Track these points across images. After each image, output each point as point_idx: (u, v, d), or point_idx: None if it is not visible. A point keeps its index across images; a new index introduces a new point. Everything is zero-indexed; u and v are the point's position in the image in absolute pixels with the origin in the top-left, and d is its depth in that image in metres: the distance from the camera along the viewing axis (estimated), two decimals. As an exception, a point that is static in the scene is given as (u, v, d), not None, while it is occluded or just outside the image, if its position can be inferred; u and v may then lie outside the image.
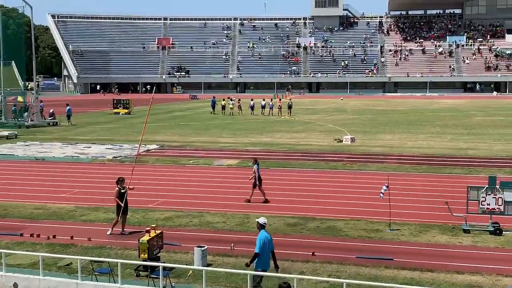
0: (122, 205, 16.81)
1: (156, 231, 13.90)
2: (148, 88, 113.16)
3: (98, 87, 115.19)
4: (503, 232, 16.63)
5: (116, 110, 63.38)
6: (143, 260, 13.14)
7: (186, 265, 13.62)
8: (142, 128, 19.27)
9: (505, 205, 16.67)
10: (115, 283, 12.24)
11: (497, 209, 16.74)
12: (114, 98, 69.89)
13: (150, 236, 13.52)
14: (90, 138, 40.76)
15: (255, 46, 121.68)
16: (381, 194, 17.44)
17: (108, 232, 16.84)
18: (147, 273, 13.03)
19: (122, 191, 17.03)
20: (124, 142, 38.15)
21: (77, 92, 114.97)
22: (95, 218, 18.56)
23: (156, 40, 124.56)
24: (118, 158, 31.31)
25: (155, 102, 79.63)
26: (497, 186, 16.82)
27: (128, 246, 15.57)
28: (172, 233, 16.60)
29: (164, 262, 13.37)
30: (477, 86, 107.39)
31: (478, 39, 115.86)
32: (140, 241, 13.33)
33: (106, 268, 13.09)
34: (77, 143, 37.91)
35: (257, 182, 20.66)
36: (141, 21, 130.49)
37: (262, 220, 12.42)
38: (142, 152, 33.69)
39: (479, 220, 17.24)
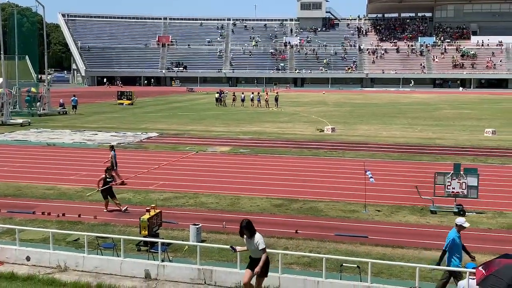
0: (98, 189, 17.11)
1: (156, 211, 13.87)
2: (152, 81, 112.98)
3: (104, 80, 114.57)
4: (466, 213, 16.71)
5: (120, 101, 63.03)
6: (144, 236, 13.12)
7: (183, 241, 13.62)
8: (144, 117, 19.17)
9: (468, 189, 16.76)
10: (118, 257, 12.24)
11: (461, 193, 16.83)
12: (119, 90, 69.53)
13: (150, 214, 13.49)
14: (96, 126, 40.53)
15: (246, 44, 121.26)
16: (372, 179, 17.41)
17: (105, 210, 16.95)
18: (147, 248, 13.01)
19: (108, 179, 17.08)
20: (127, 130, 37.96)
21: (85, 84, 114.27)
22: (101, 199, 18.44)
23: (157, 38, 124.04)
24: (122, 145, 31.15)
25: (155, 94, 79.21)
26: (461, 172, 16.89)
27: (130, 224, 15.53)
28: (170, 213, 16.58)
29: (163, 238, 13.37)
30: (449, 83, 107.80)
31: (446, 40, 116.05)
32: (141, 219, 13.30)
33: (110, 243, 13.06)
34: (84, 130, 37.69)
35: (114, 167, 20.59)
36: (143, 20, 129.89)
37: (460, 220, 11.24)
38: (143, 139, 33.57)
39: (445, 203, 17.32)
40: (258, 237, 10.08)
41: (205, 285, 11.46)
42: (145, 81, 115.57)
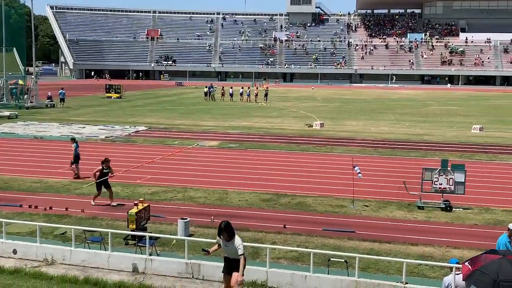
0: (95, 180, 16.92)
1: (144, 204, 13.84)
2: (141, 75, 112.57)
3: (92, 73, 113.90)
4: (453, 209, 16.86)
5: (108, 94, 62.63)
6: (132, 230, 13.09)
7: (170, 235, 13.61)
8: (132, 111, 19.10)
9: (455, 185, 16.86)
10: (105, 250, 12.20)
11: (448, 189, 16.94)
12: (107, 84, 69.10)
13: (138, 208, 13.46)
14: (84, 119, 40.29)
15: (236, 39, 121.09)
16: (360, 174, 17.48)
17: (92, 203, 16.84)
18: (135, 242, 12.98)
19: (105, 170, 16.93)
20: (115, 123, 37.78)
21: (73, 77, 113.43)
22: (88, 192, 18.40)
23: (146, 31, 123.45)
24: (110, 138, 31.02)
25: (144, 88, 78.69)
26: (449, 168, 17.01)
27: (118, 217, 15.49)
28: (158, 207, 16.55)
29: (151, 232, 13.35)
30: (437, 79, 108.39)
31: (435, 37, 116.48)
32: (129, 213, 13.27)
33: (97, 237, 13.01)
34: (72, 123, 37.45)
35: (74, 159, 20.58)
36: (132, 13, 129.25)
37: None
38: (132, 132, 33.43)
39: (432, 198, 17.44)
40: (238, 241, 9.75)
41: (192, 279, 11.46)
42: (134, 75, 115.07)
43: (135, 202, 13.91)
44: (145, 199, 14.81)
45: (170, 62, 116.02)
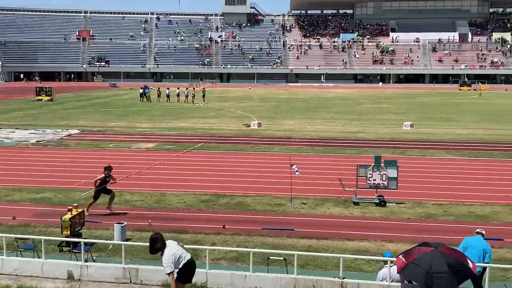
0: (95, 188, 16.30)
1: (78, 210, 13.49)
2: (73, 77, 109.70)
3: (21, 75, 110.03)
4: (387, 204, 17.34)
5: (39, 97, 60.58)
6: (66, 237, 12.74)
7: (107, 240, 13.33)
8: (64, 114, 18.57)
9: (389, 180, 17.34)
10: (39, 258, 11.81)
11: (381, 184, 17.40)
12: (37, 86, 66.78)
13: (72, 214, 13.11)
14: (14, 123, 38.77)
15: (171, 39, 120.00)
16: (297, 173, 17.66)
17: (86, 213, 16.00)
18: (70, 248, 12.64)
19: (107, 179, 16.33)
20: (47, 127, 36.60)
21: (1, 80, 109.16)
22: (20, 199, 17.76)
23: (77, 32, 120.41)
24: (41, 142, 30.02)
25: (76, 90, 76.77)
26: (382, 164, 17.47)
27: (51, 224, 15.00)
28: (93, 211, 16.16)
29: (86, 238, 13.03)
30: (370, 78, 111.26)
31: (367, 37, 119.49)
32: (63, 219, 12.90)
33: (30, 245, 12.58)
34: (1, 128, 35.98)
35: None
36: (62, 14, 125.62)
37: None
38: (64, 136, 32.50)
39: (367, 194, 17.84)
40: (165, 257, 9.03)
41: (130, 284, 11.26)
42: (67, 76, 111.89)
43: (69, 207, 13.54)
44: (80, 204, 14.42)
45: (103, 63, 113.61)
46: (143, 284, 11.22)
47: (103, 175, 16.39)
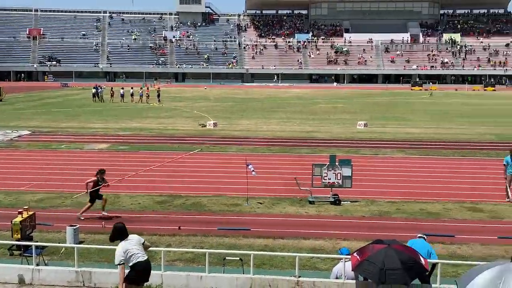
0: (87, 191, 15.86)
1: (29, 212, 13.14)
2: (23, 76, 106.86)
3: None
4: (342, 202, 17.56)
5: (-14, 98, 58.86)
6: (16, 240, 12.41)
7: (59, 243, 13.03)
8: (14, 115, 18.06)
9: (343, 179, 17.58)
10: (-13, 263, 11.46)
11: (336, 183, 17.61)
12: (-15, 86, 64.74)
13: (22, 217, 12.77)
14: (-40, 124, 37.50)
15: (124, 38, 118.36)
16: (254, 172, 17.65)
17: (82, 218, 15.58)
18: (20, 252, 12.31)
19: (100, 183, 15.92)
20: (-5, 128, 35.54)
21: None
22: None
23: (27, 31, 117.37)
24: (-11, 144, 29.13)
25: (26, 90, 74.89)
26: (337, 163, 17.69)
27: (1, 227, 14.55)
28: (45, 214, 15.76)
29: (37, 241, 12.70)
30: (325, 78, 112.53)
31: (321, 37, 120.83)
32: (13, 222, 12.56)
33: (-23, 250, 12.19)
34: None
35: None
36: (11, 12, 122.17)
37: None
38: (14, 137, 31.62)
39: (322, 193, 18.01)
40: (118, 249, 9.23)
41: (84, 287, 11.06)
42: (18, 75, 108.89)
43: (19, 210, 13.19)
44: (30, 207, 14.04)
45: (54, 63, 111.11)
46: (97, 287, 11.03)
47: (96, 177, 16.05)
